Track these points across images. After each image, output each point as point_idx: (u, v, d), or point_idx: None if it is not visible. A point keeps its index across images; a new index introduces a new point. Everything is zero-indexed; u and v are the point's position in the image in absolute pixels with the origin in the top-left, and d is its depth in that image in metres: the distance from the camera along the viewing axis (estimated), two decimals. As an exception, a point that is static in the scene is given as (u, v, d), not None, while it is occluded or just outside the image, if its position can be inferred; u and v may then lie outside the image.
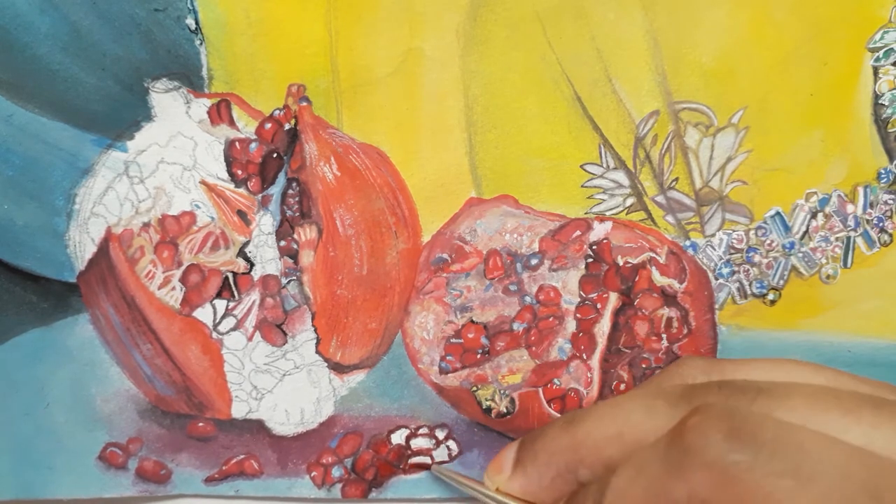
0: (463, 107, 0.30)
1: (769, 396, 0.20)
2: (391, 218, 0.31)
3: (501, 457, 0.26)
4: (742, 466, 0.18)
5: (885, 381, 0.30)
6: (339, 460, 0.31)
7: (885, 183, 0.30)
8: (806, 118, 0.30)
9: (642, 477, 0.20)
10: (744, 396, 0.21)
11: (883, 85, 0.30)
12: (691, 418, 0.20)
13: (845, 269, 0.31)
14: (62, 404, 0.31)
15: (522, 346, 0.31)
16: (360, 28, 0.29)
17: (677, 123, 0.30)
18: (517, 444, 0.26)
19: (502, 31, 0.30)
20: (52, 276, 0.30)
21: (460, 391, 0.31)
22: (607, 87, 0.30)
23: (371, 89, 0.30)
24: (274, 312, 0.31)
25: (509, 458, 0.25)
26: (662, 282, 0.31)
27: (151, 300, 0.30)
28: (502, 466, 0.25)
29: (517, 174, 0.30)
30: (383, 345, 0.31)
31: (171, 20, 0.29)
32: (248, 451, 0.31)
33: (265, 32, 0.29)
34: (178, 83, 0.30)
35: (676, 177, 0.31)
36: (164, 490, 0.31)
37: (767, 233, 0.31)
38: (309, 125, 0.30)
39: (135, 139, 0.30)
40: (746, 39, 0.29)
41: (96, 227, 0.30)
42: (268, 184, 0.30)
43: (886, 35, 0.29)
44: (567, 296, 0.31)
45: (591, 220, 0.31)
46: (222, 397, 0.31)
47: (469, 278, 0.31)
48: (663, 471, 0.20)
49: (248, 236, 0.31)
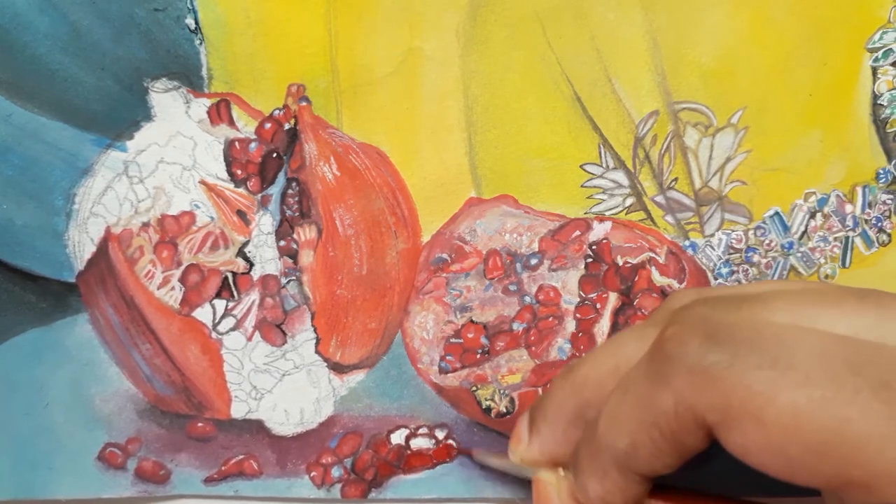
0: (463, 107, 0.30)
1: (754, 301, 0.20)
2: (391, 218, 0.31)
3: (517, 428, 0.26)
4: (722, 365, 0.18)
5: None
6: (339, 460, 0.31)
7: (883, 183, 0.31)
8: (805, 118, 0.30)
9: (629, 395, 0.21)
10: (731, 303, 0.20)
11: (882, 85, 0.30)
12: (669, 328, 0.20)
13: (844, 269, 0.31)
14: (61, 404, 0.31)
15: (522, 345, 0.31)
16: (359, 28, 0.29)
17: (677, 123, 0.30)
18: (528, 410, 0.26)
19: (502, 31, 0.30)
20: (51, 276, 0.30)
21: (460, 391, 0.31)
22: (607, 87, 0.30)
23: (371, 89, 0.30)
24: (273, 312, 0.31)
25: (524, 426, 0.26)
26: (662, 282, 0.31)
27: (151, 300, 0.30)
28: (521, 437, 0.26)
29: (517, 174, 0.31)
30: (383, 345, 0.31)
31: (171, 20, 0.29)
32: (247, 451, 0.31)
33: (265, 32, 0.29)
34: (177, 83, 0.30)
35: (676, 177, 0.31)
36: (163, 490, 0.31)
37: (766, 233, 0.31)
38: (309, 125, 0.30)
39: (134, 139, 0.30)
40: (746, 39, 0.29)
41: (95, 226, 0.30)
42: (267, 184, 0.30)
43: (885, 35, 0.30)
44: (567, 296, 0.31)
45: (591, 220, 0.31)
46: (221, 397, 0.31)
47: (469, 278, 0.31)
48: (648, 384, 0.20)
49: (248, 236, 0.31)
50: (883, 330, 0.19)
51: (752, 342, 0.18)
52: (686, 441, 0.20)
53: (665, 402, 0.19)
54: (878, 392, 0.17)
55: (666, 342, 0.20)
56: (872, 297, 0.20)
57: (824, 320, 0.19)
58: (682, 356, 0.19)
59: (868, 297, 0.20)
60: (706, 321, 0.20)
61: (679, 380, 0.19)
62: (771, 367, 0.18)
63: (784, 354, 0.18)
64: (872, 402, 0.17)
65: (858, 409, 0.17)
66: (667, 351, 0.20)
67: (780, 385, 0.18)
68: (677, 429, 0.19)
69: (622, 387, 0.21)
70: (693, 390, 0.19)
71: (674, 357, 0.19)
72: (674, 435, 0.20)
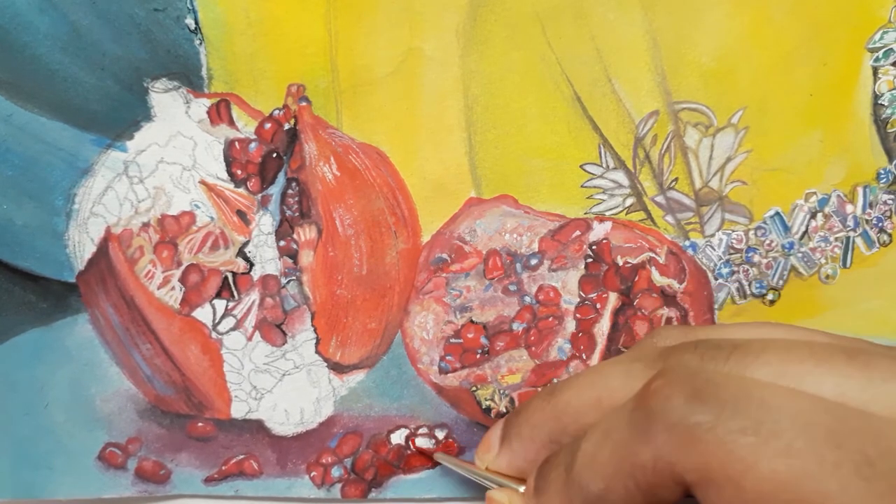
0: (463, 107, 0.30)
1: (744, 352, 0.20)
2: (391, 218, 0.31)
3: (489, 436, 0.26)
4: (705, 427, 0.18)
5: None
6: (339, 460, 0.31)
7: (884, 183, 0.30)
8: (805, 118, 0.30)
9: (609, 441, 0.21)
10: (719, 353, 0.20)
11: (882, 85, 0.30)
12: (655, 381, 0.20)
13: (844, 269, 0.31)
14: (61, 404, 0.31)
15: (522, 346, 0.31)
16: (359, 28, 0.29)
17: (677, 123, 0.30)
18: (503, 421, 0.26)
19: (502, 31, 0.30)
20: (51, 276, 0.30)
21: (460, 391, 0.31)
22: (607, 87, 0.30)
23: (371, 89, 0.30)
24: (273, 312, 0.31)
25: (496, 436, 0.26)
26: (662, 282, 0.31)
27: (151, 300, 0.30)
28: (490, 445, 0.26)
29: (517, 174, 0.30)
30: (383, 345, 0.31)
31: (171, 20, 0.29)
32: (247, 451, 0.31)
33: (265, 32, 0.29)
34: (177, 83, 0.30)
35: (676, 177, 0.31)
36: (163, 490, 0.31)
37: (767, 233, 0.31)
38: (308, 125, 0.30)
39: (134, 139, 0.30)
40: (746, 40, 0.29)
41: (96, 226, 0.30)
42: (267, 184, 0.30)
43: (886, 35, 0.30)
44: (567, 296, 0.31)
45: (591, 220, 0.31)
46: (222, 397, 0.31)
47: (469, 278, 0.31)
48: (629, 434, 0.20)
49: (248, 236, 0.31)
50: (870, 394, 0.19)
51: (737, 404, 0.18)
52: (660, 494, 0.20)
53: (644, 455, 0.19)
54: (860, 468, 0.17)
55: (651, 396, 0.20)
56: (862, 357, 0.20)
57: (811, 380, 0.19)
58: (665, 412, 0.19)
59: (858, 355, 0.20)
60: (693, 377, 0.19)
61: (661, 436, 0.19)
62: (754, 434, 0.18)
63: (768, 420, 0.18)
64: (853, 477, 0.17)
65: (838, 484, 0.17)
66: (651, 405, 0.20)
67: (761, 452, 0.17)
68: (654, 482, 0.19)
69: (603, 430, 0.21)
70: (674, 448, 0.19)
71: (658, 412, 0.19)
72: (649, 488, 0.20)
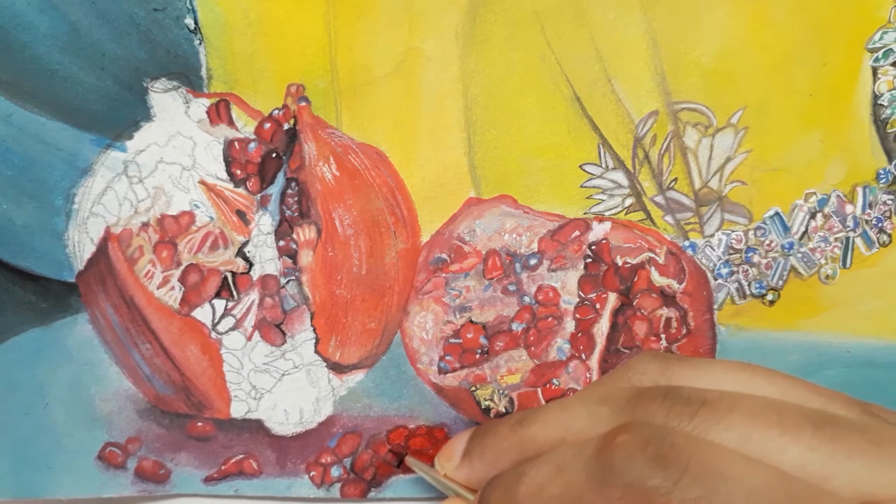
0: (462, 107, 0.30)
1: (712, 410, 0.20)
2: (390, 218, 0.31)
3: (452, 445, 0.27)
4: (661, 491, 0.19)
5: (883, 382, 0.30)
6: (338, 460, 0.31)
7: (884, 183, 0.30)
8: (805, 118, 0.30)
9: (562, 478, 0.21)
10: (686, 409, 0.21)
11: (882, 85, 0.30)
12: (620, 435, 0.20)
13: (844, 269, 0.31)
14: (61, 404, 0.31)
15: (521, 346, 0.31)
16: (359, 28, 0.29)
17: (676, 123, 0.30)
18: (468, 435, 0.27)
19: (502, 31, 0.30)
20: (51, 276, 0.30)
21: (459, 391, 0.31)
22: (606, 87, 0.30)
23: (370, 89, 0.30)
24: (273, 312, 0.31)
25: (459, 447, 0.27)
26: (661, 282, 0.31)
27: (150, 300, 0.30)
28: (452, 454, 0.27)
29: (516, 174, 0.30)
30: (382, 345, 0.31)
31: (171, 20, 0.29)
32: (247, 450, 0.31)
33: (264, 32, 0.29)
34: (177, 83, 0.30)
35: (675, 177, 0.31)
36: (163, 490, 0.31)
37: (766, 233, 0.31)
38: (308, 125, 0.30)
39: (134, 139, 0.30)
40: (746, 40, 0.29)
41: (95, 226, 0.30)
42: (267, 184, 0.31)
43: (886, 35, 0.29)
44: (566, 296, 0.31)
45: (590, 221, 0.31)
46: (221, 397, 0.31)
47: (468, 278, 0.31)
48: (584, 480, 0.20)
49: (247, 236, 0.31)
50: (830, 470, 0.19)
51: (696, 474, 0.19)
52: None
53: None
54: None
55: (615, 449, 0.20)
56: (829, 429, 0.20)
57: (775, 446, 0.20)
58: (626, 469, 0.19)
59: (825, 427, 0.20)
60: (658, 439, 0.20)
61: (616, 491, 0.19)
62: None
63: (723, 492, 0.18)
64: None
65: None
66: (613, 459, 0.20)
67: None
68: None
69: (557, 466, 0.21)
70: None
71: (618, 468, 0.20)
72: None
